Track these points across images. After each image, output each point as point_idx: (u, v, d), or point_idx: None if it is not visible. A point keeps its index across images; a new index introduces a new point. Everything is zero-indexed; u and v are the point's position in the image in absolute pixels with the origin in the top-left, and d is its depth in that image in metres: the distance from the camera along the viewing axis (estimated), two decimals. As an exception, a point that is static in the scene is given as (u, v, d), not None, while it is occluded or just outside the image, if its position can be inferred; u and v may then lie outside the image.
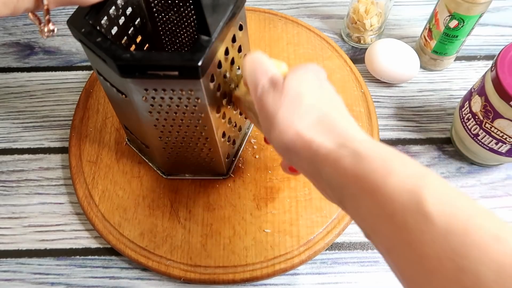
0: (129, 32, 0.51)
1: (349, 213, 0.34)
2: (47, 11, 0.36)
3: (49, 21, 0.37)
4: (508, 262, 0.25)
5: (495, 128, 0.54)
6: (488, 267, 0.25)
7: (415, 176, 0.29)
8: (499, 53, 0.52)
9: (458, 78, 0.70)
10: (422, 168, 0.30)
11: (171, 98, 0.42)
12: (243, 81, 0.47)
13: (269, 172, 0.60)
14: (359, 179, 0.31)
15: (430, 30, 0.66)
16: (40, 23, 0.38)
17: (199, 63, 0.37)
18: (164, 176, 0.59)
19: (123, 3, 0.47)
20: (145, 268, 0.56)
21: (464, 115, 0.59)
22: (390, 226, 0.29)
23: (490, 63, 0.70)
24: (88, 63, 0.72)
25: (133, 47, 0.53)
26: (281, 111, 0.36)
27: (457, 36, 0.63)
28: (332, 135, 0.34)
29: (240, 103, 0.49)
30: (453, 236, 0.26)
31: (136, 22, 0.52)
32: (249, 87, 0.40)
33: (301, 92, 0.36)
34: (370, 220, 0.31)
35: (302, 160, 0.35)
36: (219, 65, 0.42)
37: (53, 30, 0.38)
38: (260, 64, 0.39)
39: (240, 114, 0.56)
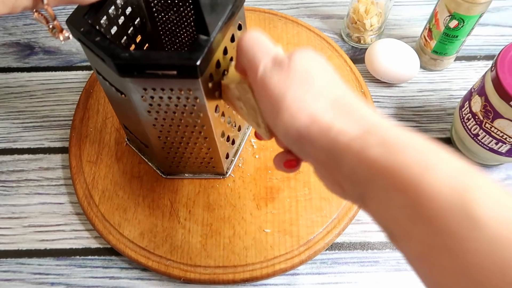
0: (129, 31, 0.51)
1: (372, 212, 0.30)
2: (54, 16, 0.37)
3: (61, 28, 0.38)
4: None
5: (495, 128, 0.54)
6: None
7: (460, 173, 0.25)
8: (499, 53, 0.52)
9: (458, 78, 0.70)
10: (465, 163, 0.26)
11: (169, 98, 0.42)
12: (235, 66, 0.42)
13: (269, 172, 0.60)
14: (391, 173, 0.26)
15: (430, 30, 0.66)
16: (47, 22, 0.38)
17: (198, 62, 0.37)
18: (164, 176, 0.60)
19: (122, 3, 0.47)
20: (145, 268, 0.56)
21: (464, 115, 0.59)
22: (427, 230, 0.25)
23: (490, 63, 0.70)
24: (88, 63, 0.72)
25: (132, 47, 0.53)
26: (291, 92, 0.31)
27: (457, 36, 0.63)
28: (353, 120, 0.30)
29: (228, 92, 0.43)
30: (505, 245, 0.23)
31: (135, 22, 0.52)
32: (246, 69, 0.36)
33: (311, 72, 0.32)
34: (400, 222, 0.27)
35: (317, 149, 0.31)
36: (218, 64, 0.42)
37: (68, 37, 0.39)
38: (260, 42, 0.35)
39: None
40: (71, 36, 0.39)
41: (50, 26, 0.38)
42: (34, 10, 0.37)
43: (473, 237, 0.23)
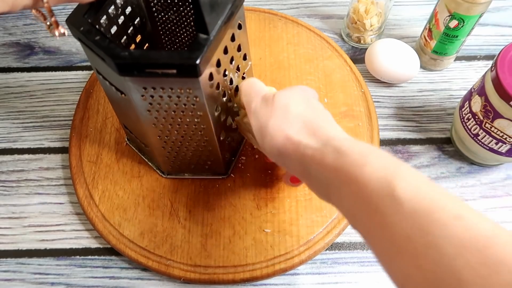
0: (129, 31, 0.51)
1: (336, 206, 0.37)
2: (51, 12, 0.37)
3: (57, 23, 0.38)
4: (467, 236, 0.27)
5: (495, 128, 0.54)
6: (450, 241, 0.27)
7: (388, 166, 0.32)
8: (499, 53, 0.52)
9: (458, 78, 0.70)
10: (395, 160, 0.33)
11: (169, 97, 0.42)
12: (241, 104, 0.51)
13: (269, 172, 0.60)
14: (340, 172, 0.34)
15: (430, 30, 0.66)
16: (45, 19, 0.38)
17: (197, 61, 0.37)
18: (164, 176, 0.59)
19: (122, 3, 0.47)
20: (145, 268, 0.56)
21: (464, 115, 0.59)
22: (366, 211, 0.32)
23: (490, 63, 0.70)
24: (88, 63, 0.72)
25: (132, 47, 0.53)
26: (272, 120, 0.40)
27: (457, 36, 0.63)
28: (317, 137, 0.38)
29: (241, 126, 0.53)
30: (419, 215, 0.29)
31: (135, 22, 0.52)
32: (245, 107, 0.45)
33: (289, 104, 0.41)
34: (351, 209, 0.34)
35: (293, 161, 0.39)
36: (218, 63, 0.42)
37: (64, 33, 0.39)
38: (254, 86, 0.45)
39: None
40: (67, 32, 0.39)
41: (48, 23, 0.38)
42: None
43: (395, 211, 0.30)
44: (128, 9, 0.49)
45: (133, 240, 0.56)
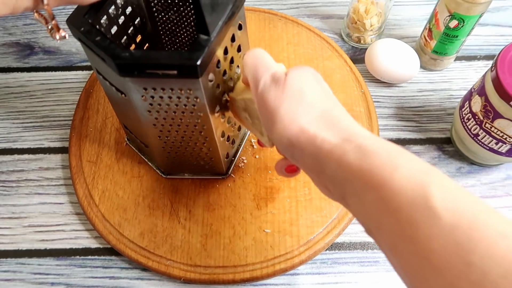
0: (129, 31, 0.51)
1: (352, 209, 0.33)
2: (52, 16, 0.37)
3: (58, 27, 0.38)
4: None
5: (495, 128, 0.54)
6: (495, 262, 0.24)
7: (422, 172, 0.29)
8: (499, 53, 0.52)
9: (458, 78, 0.70)
10: (427, 164, 0.30)
11: (170, 98, 0.42)
12: (242, 79, 0.48)
13: (269, 172, 0.60)
14: (364, 174, 0.30)
15: (430, 30, 0.66)
16: (46, 22, 0.38)
17: (198, 62, 0.37)
18: (164, 176, 0.60)
19: (122, 3, 0.47)
20: (145, 268, 0.56)
21: (464, 115, 0.59)
22: (394, 221, 0.29)
23: (490, 63, 0.70)
24: (88, 63, 0.72)
25: (133, 47, 0.53)
26: (284, 106, 0.36)
27: (457, 36, 0.63)
28: (336, 130, 0.34)
29: (234, 104, 0.48)
30: (460, 231, 0.26)
31: (136, 22, 0.52)
32: (250, 83, 0.40)
33: (303, 88, 0.37)
34: (374, 216, 0.31)
35: (305, 156, 0.35)
36: (218, 64, 0.42)
37: (64, 37, 0.39)
38: (262, 60, 0.39)
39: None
40: (67, 35, 0.39)
41: (49, 27, 0.38)
42: (35, 10, 0.37)
43: (431, 224, 0.27)
44: (129, 9, 0.49)
45: (133, 240, 0.56)
